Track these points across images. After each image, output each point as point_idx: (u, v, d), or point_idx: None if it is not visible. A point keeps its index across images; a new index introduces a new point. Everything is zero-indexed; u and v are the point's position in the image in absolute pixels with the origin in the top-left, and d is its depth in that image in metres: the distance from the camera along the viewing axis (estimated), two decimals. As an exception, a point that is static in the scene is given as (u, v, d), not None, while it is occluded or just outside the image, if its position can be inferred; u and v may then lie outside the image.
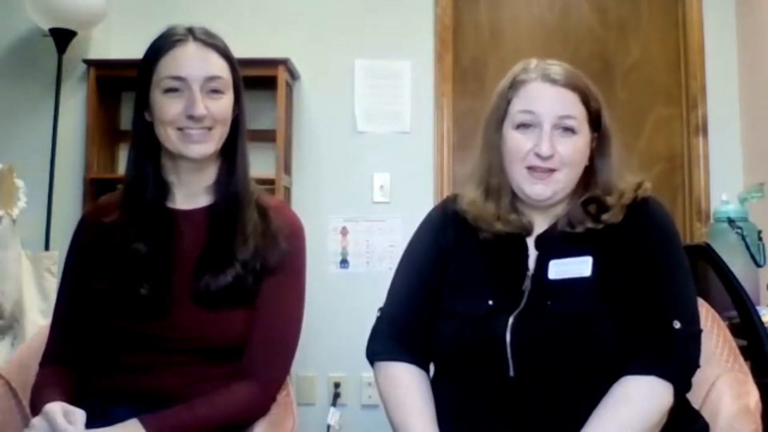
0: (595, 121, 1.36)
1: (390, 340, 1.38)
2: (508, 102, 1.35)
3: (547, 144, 1.30)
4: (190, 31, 1.39)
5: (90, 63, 3.04)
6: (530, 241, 1.36)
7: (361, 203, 3.09)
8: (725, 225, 2.33)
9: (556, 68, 1.35)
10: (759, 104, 2.89)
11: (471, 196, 1.40)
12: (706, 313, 1.47)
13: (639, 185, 1.35)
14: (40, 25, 2.94)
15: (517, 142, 1.33)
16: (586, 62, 3.06)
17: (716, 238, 2.31)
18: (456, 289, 1.36)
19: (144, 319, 1.34)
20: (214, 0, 3.12)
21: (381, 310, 1.43)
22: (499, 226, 1.35)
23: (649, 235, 1.31)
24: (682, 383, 1.22)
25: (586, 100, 1.34)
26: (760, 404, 1.35)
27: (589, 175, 1.37)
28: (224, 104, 1.39)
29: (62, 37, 2.93)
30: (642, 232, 1.31)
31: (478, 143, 1.43)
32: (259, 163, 2.87)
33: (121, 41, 3.10)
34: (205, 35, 1.40)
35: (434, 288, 1.37)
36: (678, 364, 1.21)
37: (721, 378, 1.38)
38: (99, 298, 1.37)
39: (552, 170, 1.31)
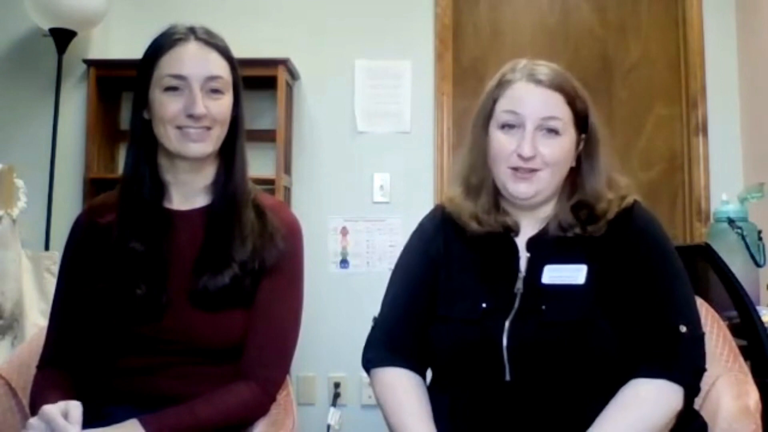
0: (581, 122, 1.36)
1: (384, 347, 1.38)
2: (494, 102, 1.36)
3: (528, 145, 1.30)
4: (192, 30, 1.39)
5: (90, 63, 3.04)
6: (520, 243, 1.37)
7: (361, 203, 3.09)
8: (725, 225, 2.33)
9: (543, 69, 1.34)
10: (759, 104, 2.89)
11: (451, 194, 1.42)
12: (706, 313, 1.47)
13: (622, 198, 1.34)
14: (40, 25, 2.94)
15: (501, 143, 1.33)
16: (586, 62, 3.07)
17: (716, 238, 2.31)
18: (450, 295, 1.36)
19: (141, 320, 1.33)
20: (214, 0, 3.12)
21: (375, 319, 1.43)
22: (474, 226, 1.36)
23: (642, 243, 1.31)
24: (692, 387, 1.22)
25: (571, 101, 1.33)
26: (759, 404, 1.35)
27: (575, 177, 1.37)
28: (224, 104, 1.39)
29: (62, 37, 2.93)
30: (634, 240, 1.31)
31: (467, 141, 1.44)
32: (259, 163, 2.88)
33: (120, 41, 3.10)
34: (207, 35, 1.40)
35: (427, 296, 1.38)
36: (688, 367, 1.22)
37: (721, 378, 1.38)
38: (95, 298, 1.36)
39: (535, 170, 1.31)
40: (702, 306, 1.46)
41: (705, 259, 2.04)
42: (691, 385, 1.22)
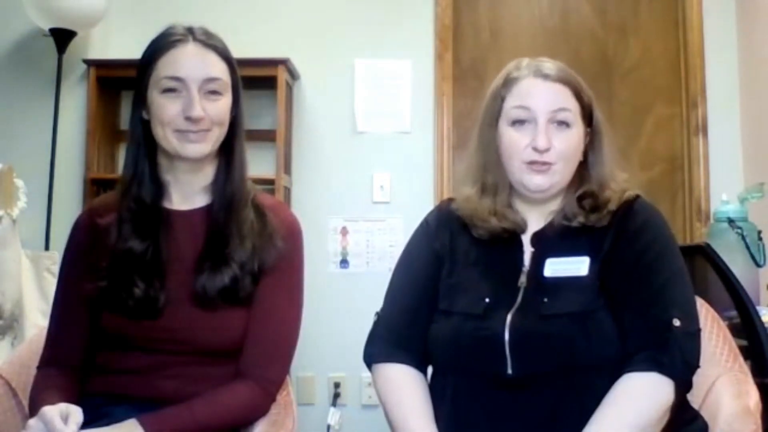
0: (588, 115, 1.37)
1: (387, 342, 1.38)
2: (502, 100, 1.36)
3: (543, 137, 1.31)
4: (190, 31, 1.39)
5: (90, 63, 3.04)
6: (525, 239, 1.37)
7: (361, 203, 3.09)
8: (725, 225, 2.33)
9: (548, 64, 1.36)
10: (759, 104, 2.89)
11: (466, 194, 1.41)
12: (706, 313, 1.47)
13: (623, 191, 1.35)
14: (40, 25, 2.94)
15: (514, 139, 1.34)
16: (586, 62, 3.07)
17: (716, 238, 2.31)
18: (453, 289, 1.36)
19: (140, 320, 1.33)
20: (214, 0, 3.12)
21: (378, 314, 1.43)
22: (494, 222, 1.37)
23: (641, 236, 1.31)
24: (683, 380, 1.23)
25: (578, 93, 1.35)
26: (760, 404, 1.35)
27: (582, 171, 1.38)
28: (222, 106, 1.39)
29: (62, 37, 2.93)
30: (634, 233, 1.31)
31: (473, 142, 1.44)
32: (259, 163, 2.88)
33: (120, 41, 3.10)
34: (205, 36, 1.39)
35: (431, 291, 1.38)
36: (679, 360, 1.21)
37: (721, 378, 1.38)
38: (94, 298, 1.37)
39: (549, 163, 1.32)
40: (702, 306, 1.46)
41: (705, 259, 2.04)
42: (682, 378, 1.22)
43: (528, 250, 1.36)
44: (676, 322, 1.22)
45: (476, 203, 1.39)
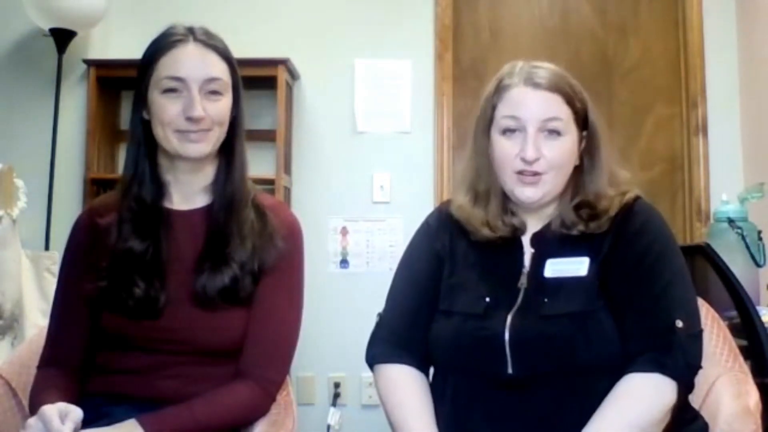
0: (582, 120, 1.36)
1: (389, 343, 1.38)
2: (494, 108, 1.36)
3: (531, 148, 1.30)
4: (191, 31, 1.39)
5: (90, 63, 3.04)
6: (525, 240, 1.37)
7: (361, 203, 3.09)
8: (725, 225, 2.33)
9: (540, 71, 1.34)
10: (759, 104, 2.89)
11: (459, 201, 1.41)
12: (706, 313, 1.47)
13: (624, 194, 1.35)
14: (40, 25, 2.94)
15: (504, 148, 1.33)
16: (586, 63, 3.08)
17: (716, 238, 2.31)
18: (453, 290, 1.37)
19: (140, 320, 1.33)
20: (214, 0, 3.12)
21: (380, 315, 1.44)
22: (486, 232, 1.37)
23: (642, 238, 1.31)
24: (685, 381, 1.23)
25: (570, 100, 1.34)
26: (760, 404, 1.35)
27: (579, 175, 1.38)
28: (223, 106, 1.39)
29: (62, 37, 2.93)
30: (634, 235, 1.31)
31: (468, 148, 1.44)
32: (259, 163, 2.88)
33: (120, 41, 3.10)
34: (206, 36, 1.40)
35: (432, 292, 1.39)
36: (682, 362, 1.22)
37: (721, 378, 1.38)
38: (94, 298, 1.37)
39: (539, 174, 1.31)
40: (702, 306, 1.46)
41: (705, 259, 2.04)
42: (685, 380, 1.22)
43: (528, 251, 1.36)
44: (680, 324, 1.22)
45: (468, 212, 1.39)
